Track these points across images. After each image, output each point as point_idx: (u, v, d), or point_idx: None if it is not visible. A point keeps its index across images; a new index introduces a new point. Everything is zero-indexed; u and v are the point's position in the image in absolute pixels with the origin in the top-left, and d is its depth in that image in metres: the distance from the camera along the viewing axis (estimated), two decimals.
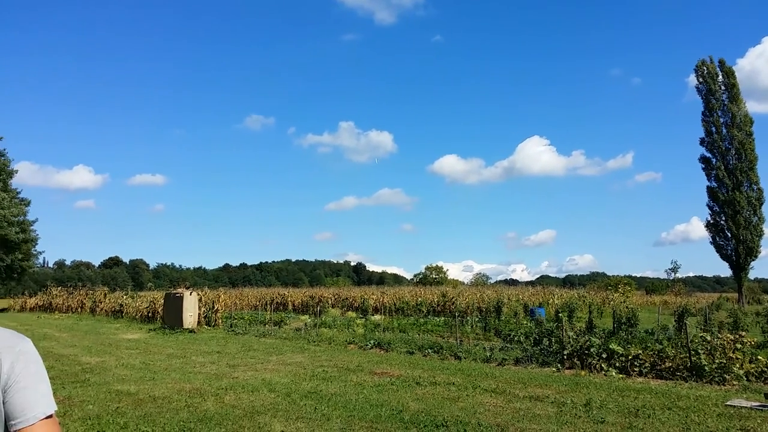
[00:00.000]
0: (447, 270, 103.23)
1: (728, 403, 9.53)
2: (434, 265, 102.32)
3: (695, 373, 12.06)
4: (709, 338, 13.19)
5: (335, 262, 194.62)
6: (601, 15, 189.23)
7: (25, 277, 60.77)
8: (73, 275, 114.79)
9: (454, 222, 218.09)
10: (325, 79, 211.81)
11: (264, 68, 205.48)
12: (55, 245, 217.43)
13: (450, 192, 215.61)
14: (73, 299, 41.77)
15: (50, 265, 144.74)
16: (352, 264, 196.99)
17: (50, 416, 1.89)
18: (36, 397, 1.88)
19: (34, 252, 54.88)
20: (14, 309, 49.37)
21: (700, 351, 12.43)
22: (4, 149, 49.90)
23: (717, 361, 12.13)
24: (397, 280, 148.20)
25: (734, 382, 11.55)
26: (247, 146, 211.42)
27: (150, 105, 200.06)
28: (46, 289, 47.47)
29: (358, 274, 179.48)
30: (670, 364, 12.56)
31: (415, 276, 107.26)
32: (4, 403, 1.82)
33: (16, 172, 51.30)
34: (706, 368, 11.94)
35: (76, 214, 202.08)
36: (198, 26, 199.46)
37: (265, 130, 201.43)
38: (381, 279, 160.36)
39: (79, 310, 40.06)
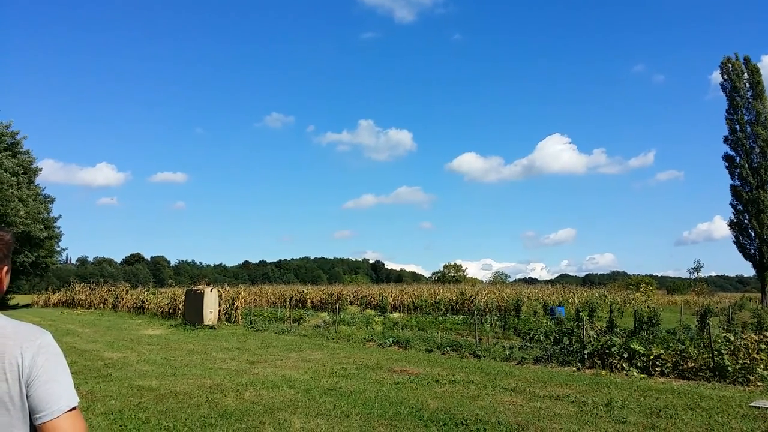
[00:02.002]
0: (466, 268, 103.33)
1: (752, 404, 9.39)
2: (453, 263, 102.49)
3: (718, 373, 11.90)
4: (732, 338, 13.01)
5: (354, 259, 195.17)
6: (623, 12, 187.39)
7: (49, 274, 61.77)
8: (95, 271, 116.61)
9: (473, 220, 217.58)
10: (344, 77, 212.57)
11: (284, 67, 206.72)
12: (77, 242, 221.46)
13: (469, 190, 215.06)
14: (96, 295, 42.30)
15: (73, 261, 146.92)
16: (371, 262, 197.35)
17: (74, 408, 1.91)
18: (59, 390, 1.90)
19: (58, 249, 55.70)
20: (38, 304, 50.18)
21: (723, 351, 12.26)
22: (29, 149, 50.66)
23: (740, 361, 11.95)
24: (416, 278, 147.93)
25: (758, 383, 11.38)
26: (267, 144, 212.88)
27: (172, 104, 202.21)
28: (69, 285, 48.15)
29: (377, 272, 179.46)
30: (693, 364, 12.41)
31: (433, 274, 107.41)
32: (27, 397, 1.85)
33: (41, 170, 52.07)
34: (730, 369, 11.78)
35: (99, 211, 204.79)
36: (219, 25, 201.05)
37: (285, 129, 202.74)
38: (399, 277, 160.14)
39: (101, 306, 40.56)
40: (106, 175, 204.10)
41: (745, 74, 52.09)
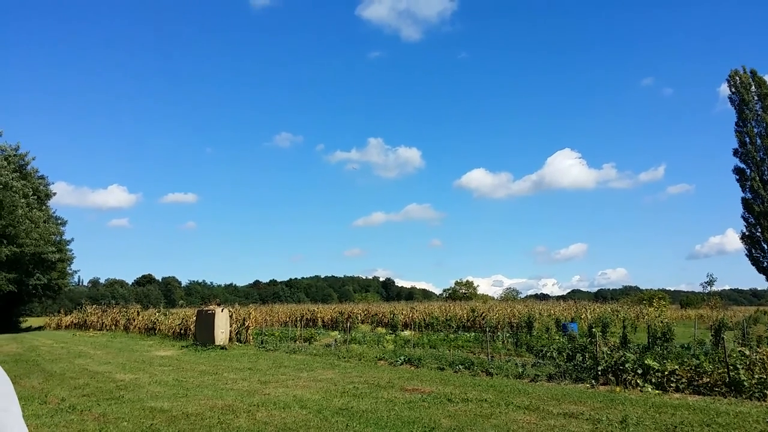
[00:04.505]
0: (477, 285, 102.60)
1: None
2: (463, 280, 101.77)
3: (734, 388, 11.76)
4: (747, 353, 12.88)
5: (364, 278, 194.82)
6: (631, 25, 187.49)
7: (61, 296, 62.13)
8: (107, 293, 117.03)
9: (483, 237, 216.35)
10: (352, 96, 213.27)
11: (292, 87, 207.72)
12: (89, 264, 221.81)
13: (478, 206, 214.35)
14: (107, 317, 42.38)
15: (85, 283, 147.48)
16: (381, 280, 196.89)
17: None
18: (10, 421, 1.86)
19: (70, 271, 56.14)
20: (50, 327, 50.30)
21: (738, 366, 12.13)
22: (44, 174, 51.25)
23: (756, 376, 11.82)
24: (426, 295, 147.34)
25: None
26: (277, 164, 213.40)
27: (181, 124, 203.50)
28: (81, 307, 48.32)
29: (387, 290, 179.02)
30: (708, 379, 12.28)
31: (444, 291, 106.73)
32: None
33: (54, 194, 52.66)
34: (746, 384, 11.65)
35: (111, 232, 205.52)
36: (227, 45, 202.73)
37: (294, 148, 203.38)
38: (410, 294, 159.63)
39: (113, 327, 40.62)
40: (118, 196, 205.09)
41: (753, 87, 52.06)
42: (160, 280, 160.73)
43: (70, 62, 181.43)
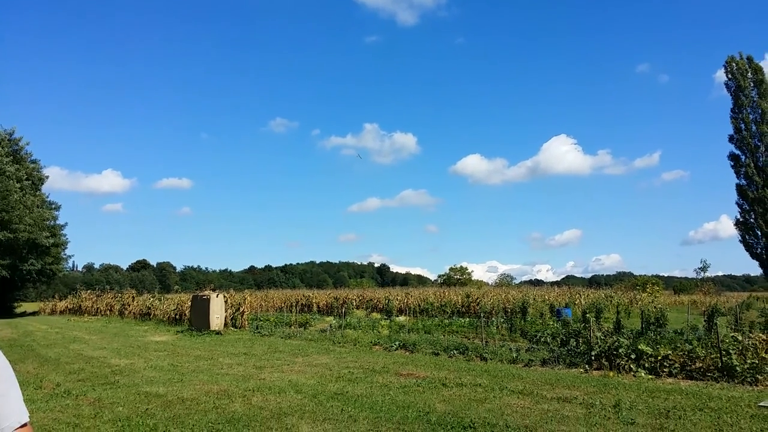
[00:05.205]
0: (471, 271, 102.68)
1: (761, 404, 9.34)
2: (458, 265, 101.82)
3: (726, 373, 11.85)
4: (740, 338, 12.97)
5: (359, 263, 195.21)
6: (627, 12, 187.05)
7: (55, 281, 61.96)
8: (101, 278, 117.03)
9: (478, 222, 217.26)
10: (348, 81, 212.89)
11: (288, 72, 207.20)
12: (83, 249, 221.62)
13: (473, 192, 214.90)
14: (102, 302, 42.34)
15: (79, 268, 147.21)
16: (376, 265, 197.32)
17: (25, 425, 1.82)
18: (10, 405, 1.81)
19: (64, 256, 55.91)
20: (45, 312, 50.25)
21: (731, 351, 12.21)
22: (38, 159, 50.98)
23: (749, 361, 11.90)
24: (421, 281, 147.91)
25: (767, 383, 11.33)
26: (272, 149, 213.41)
27: (176, 109, 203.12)
28: (76, 293, 48.26)
29: (382, 276, 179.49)
30: (701, 364, 12.36)
31: (439, 277, 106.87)
32: None
33: (47, 178, 52.38)
34: (738, 369, 11.73)
35: (105, 217, 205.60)
36: (223, 31, 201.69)
37: (289, 133, 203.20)
38: (405, 280, 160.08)
39: (108, 312, 40.61)
40: (112, 181, 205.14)
41: (749, 73, 52.02)
42: (155, 265, 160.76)
43: (64, 48, 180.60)
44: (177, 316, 31.25)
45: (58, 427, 8.43)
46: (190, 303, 28.27)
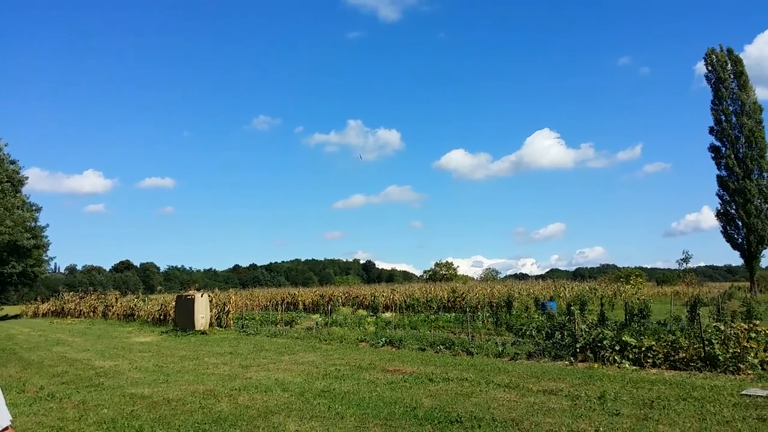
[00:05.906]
0: (457, 266, 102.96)
1: (743, 392, 9.46)
2: (444, 261, 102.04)
3: (709, 363, 11.97)
4: (722, 328, 13.09)
5: (345, 260, 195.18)
6: (607, 5, 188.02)
7: (38, 283, 61.37)
8: (84, 280, 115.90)
9: (463, 218, 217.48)
10: (331, 77, 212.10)
11: (270, 69, 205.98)
12: (66, 250, 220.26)
13: (458, 188, 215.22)
14: (85, 304, 41.98)
15: (62, 270, 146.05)
16: (362, 262, 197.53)
17: (7, 428, 1.82)
18: None
19: (46, 258, 55.41)
20: (27, 315, 49.70)
21: (713, 341, 12.34)
22: (17, 159, 50.33)
23: (731, 350, 12.03)
24: (407, 277, 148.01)
25: (749, 372, 11.46)
26: (255, 147, 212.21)
27: (157, 107, 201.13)
28: (58, 295, 47.82)
29: (368, 272, 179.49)
30: (684, 354, 12.48)
31: (424, 272, 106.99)
32: None
33: (27, 179, 51.75)
34: (720, 358, 11.86)
35: (87, 218, 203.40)
36: (203, 27, 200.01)
37: (272, 131, 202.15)
38: (391, 276, 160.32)
39: (91, 314, 40.27)
40: (93, 182, 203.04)
41: (729, 65, 52.58)
42: (139, 266, 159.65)
43: (43, 47, 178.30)
44: (161, 317, 31.05)
45: (42, 431, 8.34)
46: (174, 303, 28.10)
